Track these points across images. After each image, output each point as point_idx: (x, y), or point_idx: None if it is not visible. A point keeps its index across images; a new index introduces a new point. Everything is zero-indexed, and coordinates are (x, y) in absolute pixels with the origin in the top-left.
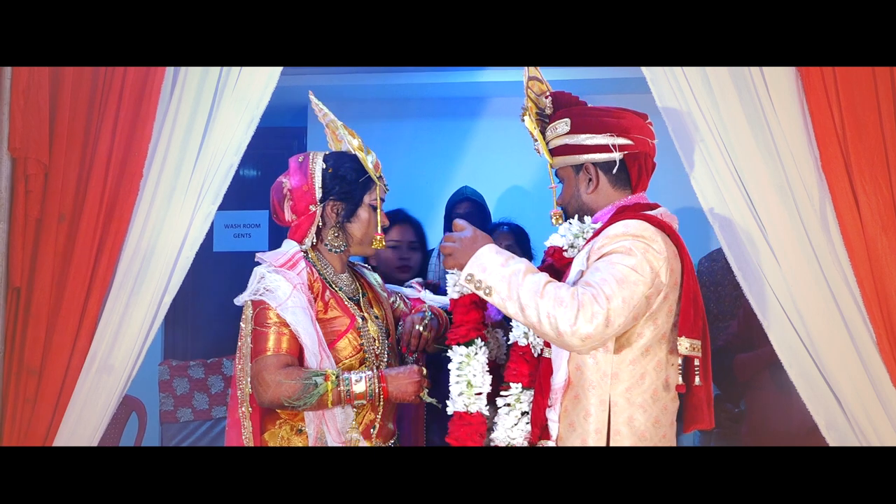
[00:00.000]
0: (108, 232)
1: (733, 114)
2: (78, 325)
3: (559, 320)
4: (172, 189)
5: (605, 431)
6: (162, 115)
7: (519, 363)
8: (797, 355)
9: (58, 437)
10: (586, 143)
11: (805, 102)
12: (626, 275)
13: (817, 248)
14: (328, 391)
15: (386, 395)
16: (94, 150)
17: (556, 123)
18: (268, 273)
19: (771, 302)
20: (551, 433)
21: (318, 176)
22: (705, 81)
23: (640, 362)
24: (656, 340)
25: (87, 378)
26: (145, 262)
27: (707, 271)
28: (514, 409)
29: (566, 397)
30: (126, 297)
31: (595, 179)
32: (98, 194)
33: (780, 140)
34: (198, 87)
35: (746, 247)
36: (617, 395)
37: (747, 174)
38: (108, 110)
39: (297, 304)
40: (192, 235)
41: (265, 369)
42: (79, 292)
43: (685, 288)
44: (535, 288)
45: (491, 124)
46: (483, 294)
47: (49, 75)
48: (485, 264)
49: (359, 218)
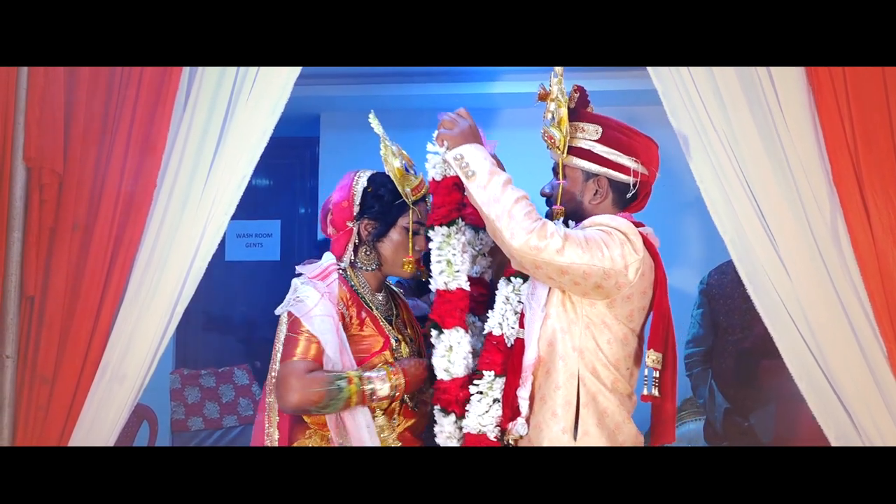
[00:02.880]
0: (122, 241)
1: (744, 125)
2: (91, 333)
3: (520, 222)
4: (186, 199)
5: (574, 403)
6: (176, 124)
7: (492, 352)
8: (807, 368)
9: (70, 444)
10: (610, 157)
11: (815, 112)
12: (596, 238)
13: (828, 260)
14: (352, 394)
15: (406, 390)
16: (108, 160)
17: (584, 125)
18: (301, 284)
19: (781, 314)
20: (522, 411)
21: (359, 193)
22: (716, 93)
23: (604, 348)
24: (617, 339)
25: (100, 386)
26: (158, 271)
27: (717, 284)
28: (487, 396)
29: (538, 373)
30: (139, 306)
31: (604, 194)
32: (112, 204)
33: (791, 152)
34: (212, 97)
35: (756, 259)
36: (585, 371)
37: (757, 186)
38: (123, 120)
39: (323, 312)
40: (205, 246)
41: (292, 374)
42: (92, 301)
43: (657, 303)
44: (514, 194)
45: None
46: (464, 176)
47: (64, 85)
48: (476, 154)
49: (390, 239)
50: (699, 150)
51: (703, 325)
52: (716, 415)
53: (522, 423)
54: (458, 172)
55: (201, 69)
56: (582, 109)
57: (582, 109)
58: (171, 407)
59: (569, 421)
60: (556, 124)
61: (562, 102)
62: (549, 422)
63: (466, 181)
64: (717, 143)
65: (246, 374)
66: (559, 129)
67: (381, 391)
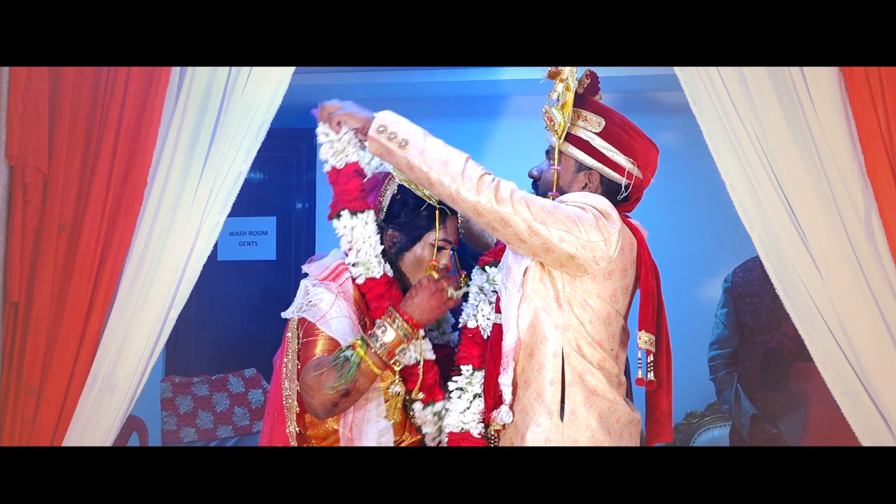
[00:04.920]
0: (111, 243)
1: (770, 112)
2: (79, 341)
3: (480, 178)
4: (178, 198)
5: (559, 383)
6: (167, 120)
7: (468, 346)
8: (841, 373)
9: None
10: (607, 154)
11: (848, 103)
12: (566, 210)
13: (862, 257)
14: (363, 357)
15: (416, 324)
16: (95, 158)
17: (588, 114)
18: (312, 287)
19: (812, 315)
20: (505, 399)
21: (388, 199)
22: (742, 81)
23: (587, 326)
24: (600, 318)
25: (89, 398)
26: (150, 274)
27: (742, 282)
28: (467, 392)
29: (520, 356)
30: (130, 311)
31: (593, 189)
32: (100, 204)
33: (822, 142)
34: (205, 91)
35: (785, 256)
36: (570, 349)
37: (786, 178)
38: (111, 116)
39: (340, 314)
40: (199, 246)
41: (306, 373)
42: (80, 307)
43: (643, 283)
44: (460, 152)
45: (511, 124)
46: (397, 146)
47: (48, 79)
48: (398, 119)
49: (413, 253)
50: (723, 140)
51: (728, 325)
52: (742, 421)
53: (507, 410)
54: (387, 145)
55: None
56: (589, 97)
57: (589, 97)
58: (161, 417)
59: (555, 401)
60: (559, 106)
61: (570, 85)
62: (535, 403)
63: (400, 151)
64: (742, 133)
65: (241, 381)
66: (561, 113)
67: (387, 337)
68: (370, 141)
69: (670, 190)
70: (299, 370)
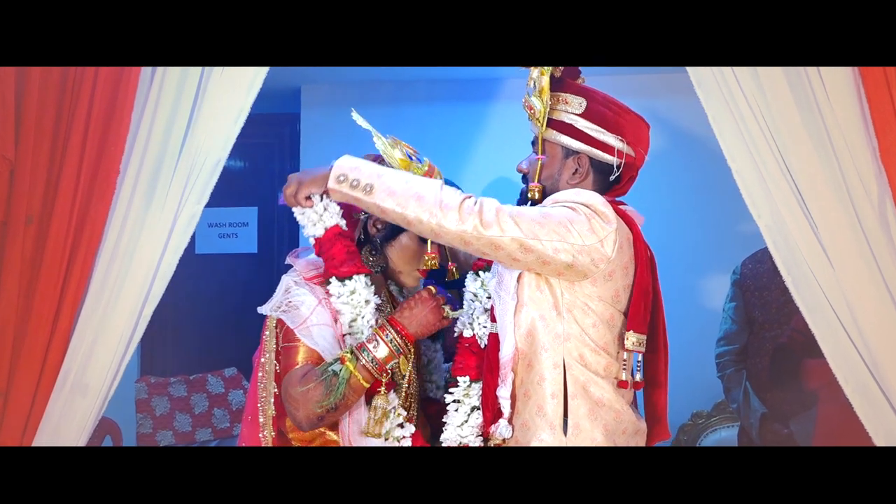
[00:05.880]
0: (82, 235)
1: (778, 94)
2: (48, 339)
3: (458, 205)
4: (153, 187)
5: (561, 396)
6: (141, 104)
7: (465, 355)
8: (854, 370)
9: None
10: (593, 135)
11: (861, 84)
12: (556, 215)
13: (875, 247)
14: (352, 372)
15: (410, 337)
16: (65, 144)
17: (568, 96)
18: (294, 285)
19: (823, 308)
20: (504, 412)
21: None
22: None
23: (589, 332)
24: (603, 321)
25: (60, 399)
26: (123, 268)
27: (751, 274)
28: (464, 404)
29: (519, 367)
30: (102, 307)
31: (584, 173)
32: (70, 194)
33: (833, 126)
34: (181, 74)
35: (795, 246)
36: (571, 359)
37: (796, 164)
38: (82, 99)
39: (321, 321)
40: (176, 239)
41: (290, 384)
42: (49, 303)
43: (638, 280)
44: (428, 180)
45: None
46: (362, 193)
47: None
48: (354, 163)
49: (399, 242)
50: (729, 122)
51: (737, 320)
52: (751, 421)
53: (505, 424)
54: (351, 194)
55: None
56: (569, 80)
57: (569, 80)
58: (136, 420)
59: (557, 415)
60: (537, 93)
61: (545, 70)
62: (536, 418)
63: (367, 197)
64: (749, 116)
65: (221, 381)
66: (540, 99)
67: (379, 353)
68: (332, 193)
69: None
70: (277, 373)
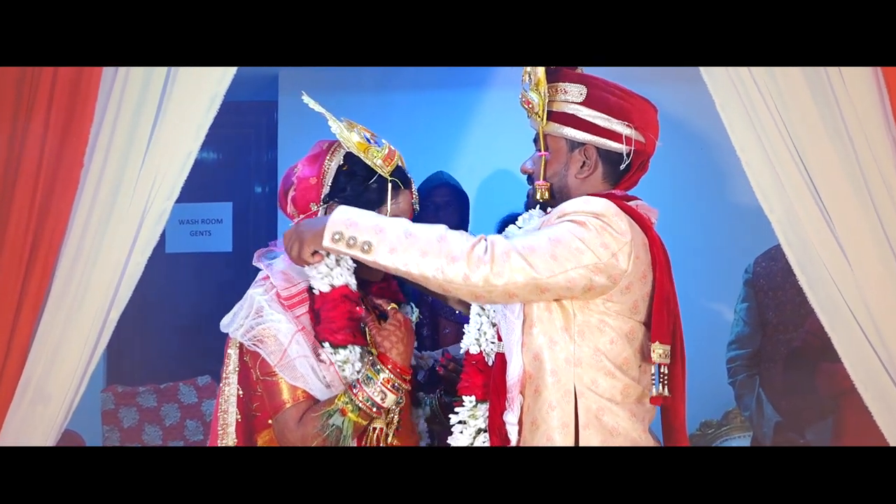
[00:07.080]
0: (43, 234)
1: (792, 81)
2: (7, 345)
3: (466, 257)
4: (119, 181)
5: (572, 425)
6: (106, 91)
7: (472, 374)
8: (872, 375)
9: None
10: (598, 123)
11: (881, 73)
12: (566, 238)
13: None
14: (356, 420)
15: (408, 372)
16: (23, 136)
17: (566, 85)
18: (267, 305)
19: (839, 309)
20: (511, 439)
21: (332, 171)
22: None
23: (606, 351)
24: (621, 335)
25: (20, 410)
26: (87, 269)
27: (765, 273)
28: (469, 426)
29: (526, 393)
30: (65, 311)
31: (592, 166)
32: (30, 189)
33: (850, 116)
34: None
35: (809, 243)
36: (583, 386)
37: (810, 156)
38: (41, 89)
39: (300, 353)
40: (144, 237)
41: (286, 429)
42: (7, 306)
43: (658, 286)
44: (432, 232)
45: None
46: (360, 252)
47: None
48: (350, 218)
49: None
50: (739, 111)
51: (749, 322)
52: (764, 430)
53: None
54: (350, 254)
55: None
56: (565, 69)
57: (565, 69)
58: (102, 432)
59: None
60: (533, 85)
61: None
62: None
63: (365, 255)
64: (760, 105)
65: (194, 390)
66: (537, 91)
67: (387, 402)
68: (330, 252)
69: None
70: (240, 397)
